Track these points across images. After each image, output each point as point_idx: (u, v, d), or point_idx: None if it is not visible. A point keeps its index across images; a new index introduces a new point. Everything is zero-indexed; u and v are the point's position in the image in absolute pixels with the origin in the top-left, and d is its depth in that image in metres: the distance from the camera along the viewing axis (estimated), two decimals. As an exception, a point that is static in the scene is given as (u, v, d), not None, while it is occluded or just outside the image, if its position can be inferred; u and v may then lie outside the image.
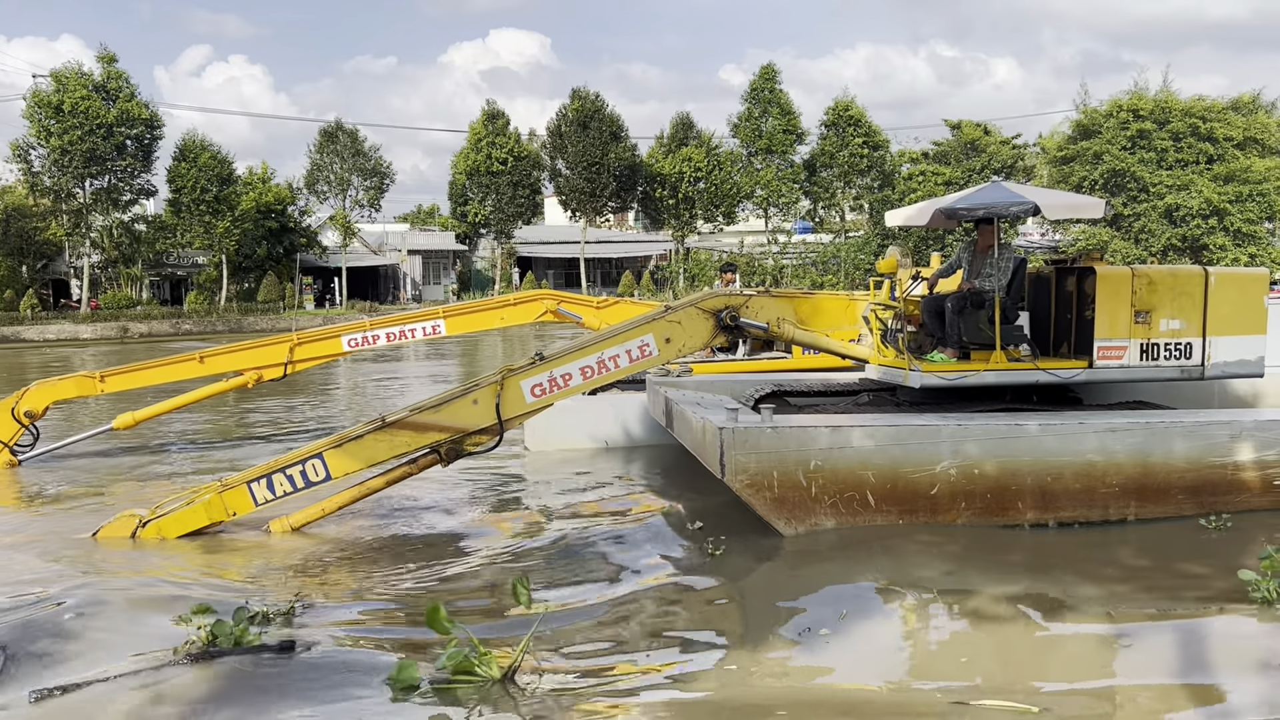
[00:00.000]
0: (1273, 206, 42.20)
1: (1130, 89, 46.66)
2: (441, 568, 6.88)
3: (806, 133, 51.19)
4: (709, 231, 56.92)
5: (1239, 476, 7.54)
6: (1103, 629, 5.40)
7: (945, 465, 7.27)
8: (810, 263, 45.36)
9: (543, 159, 55.61)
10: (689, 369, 11.26)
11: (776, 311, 8.74)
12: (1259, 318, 8.27)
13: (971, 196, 8.65)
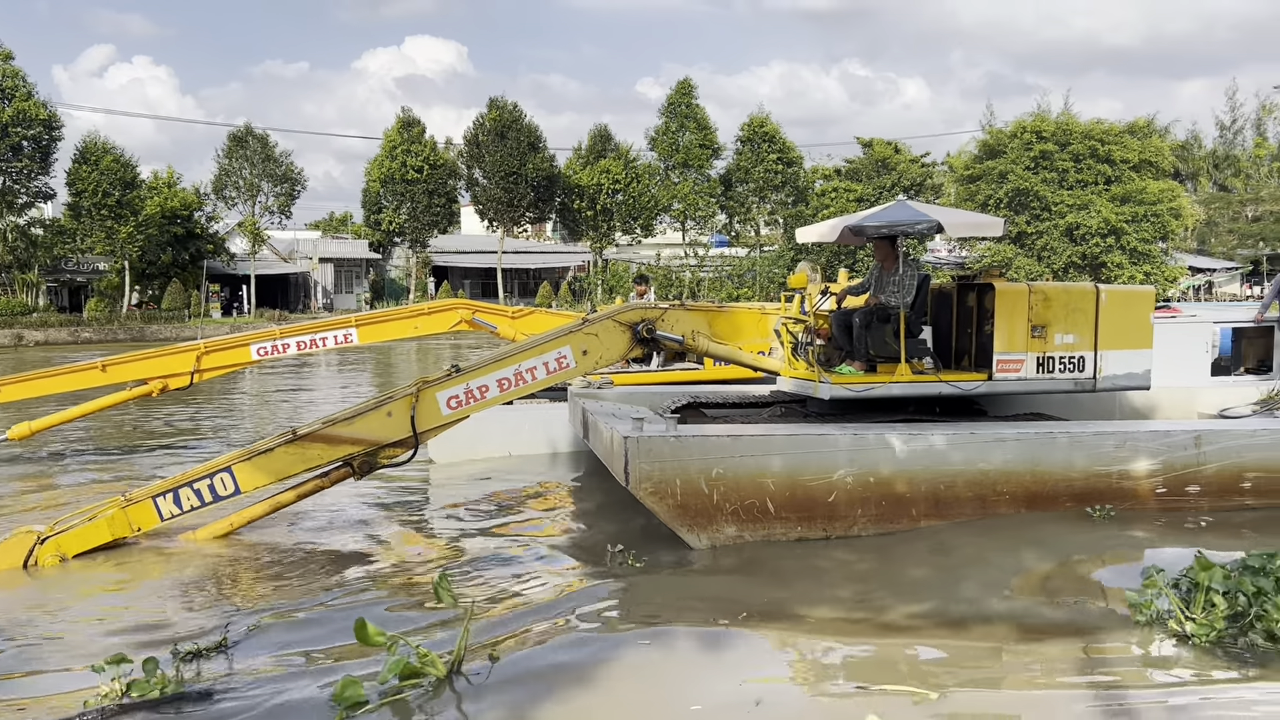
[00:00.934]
0: (1166, 227, 44.14)
1: (1033, 111, 48.49)
2: (360, 581, 6.82)
3: (723, 148, 51.91)
4: (627, 243, 57.19)
5: (1124, 484, 7.89)
6: (999, 635, 5.62)
7: (842, 474, 7.49)
8: (726, 276, 45.94)
9: (459, 168, 55.19)
10: (610, 381, 11.35)
11: (691, 324, 8.88)
12: (1146, 333, 8.71)
13: (878, 214, 8.92)
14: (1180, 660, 5.10)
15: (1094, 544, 7.25)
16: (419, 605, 6.10)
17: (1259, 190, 60.23)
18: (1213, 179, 63.46)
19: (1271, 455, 8.11)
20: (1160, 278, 43.86)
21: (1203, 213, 56.47)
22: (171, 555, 7.34)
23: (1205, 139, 65.67)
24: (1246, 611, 5.31)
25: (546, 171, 52.65)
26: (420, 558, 7.44)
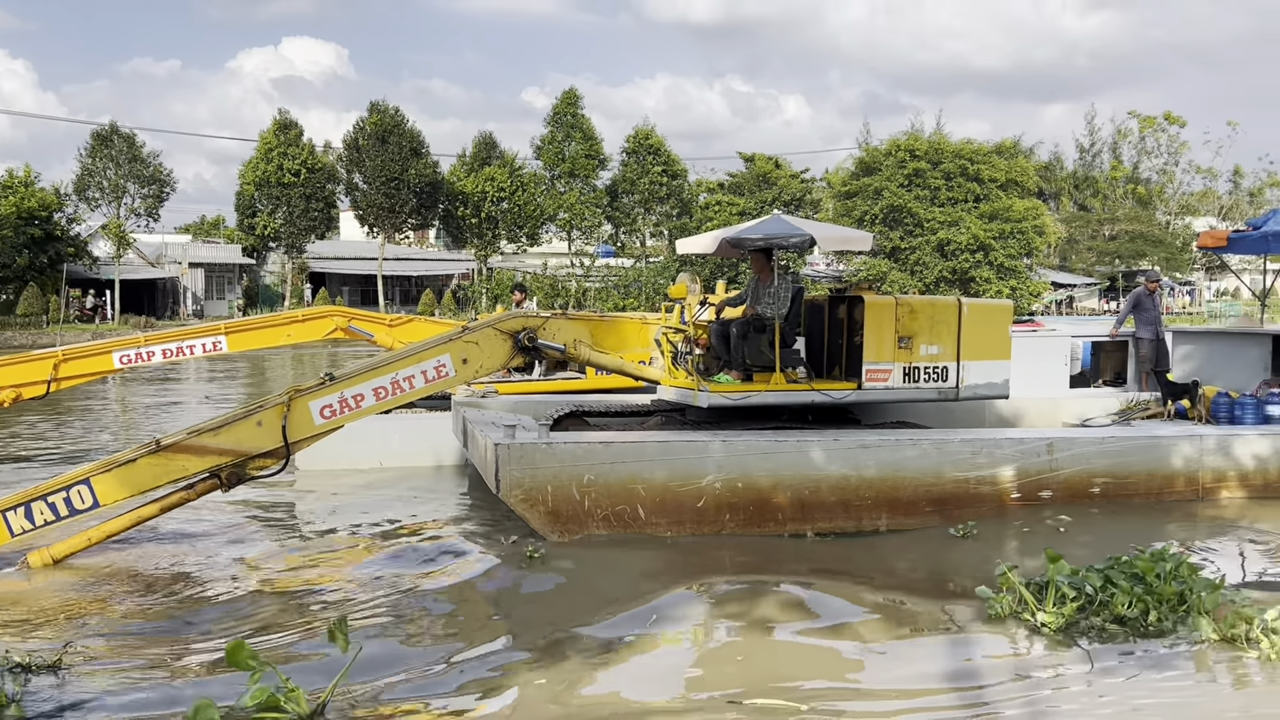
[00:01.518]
0: (1030, 244, 46.33)
1: (907, 130, 50.30)
2: (226, 601, 6.59)
3: (609, 158, 52.23)
4: (512, 252, 56.88)
5: (981, 490, 8.26)
6: (863, 637, 5.82)
7: (711, 479, 7.67)
8: (613, 286, 46.17)
9: (339, 172, 53.95)
10: (494, 390, 11.30)
11: (573, 333, 8.91)
12: (1005, 345, 9.16)
13: (754, 228, 9.15)
14: (1033, 648, 5.35)
15: (956, 546, 7.56)
16: (299, 635, 5.91)
17: (1115, 210, 63.75)
18: (1073, 199, 66.86)
19: (1118, 461, 8.60)
20: (1025, 292, 46.01)
21: (1064, 231, 59.55)
22: (16, 574, 6.95)
23: (1067, 160, 69.27)
24: (1094, 599, 5.61)
25: (429, 178, 51.95)
26: (290, 575, 7.24)
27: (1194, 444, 8.87)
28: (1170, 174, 68.41)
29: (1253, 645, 5.11)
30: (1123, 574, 5.72)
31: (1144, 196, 65.70)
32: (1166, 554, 5.87)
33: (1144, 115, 68.10)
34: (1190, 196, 68.85)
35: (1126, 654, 5.21)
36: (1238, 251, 12.49)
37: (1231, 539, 8.08)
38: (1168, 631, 5.41)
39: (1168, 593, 5.58)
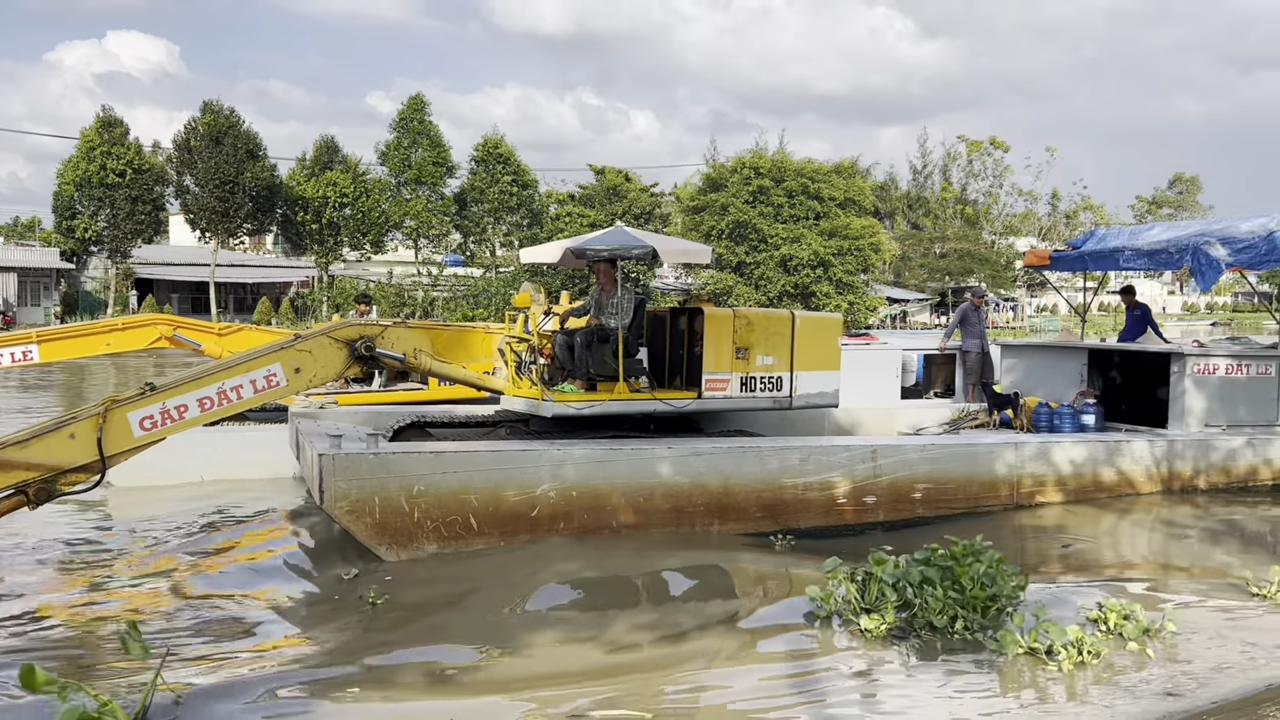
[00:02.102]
0: (867, 260, 48.24)
1: (752, 148, 51.67)
2: (30, 626, 6.15)
3: (457, 166, 51.54)
4: (356, 259, 55.34)
5: (808, 496, 8.52)
6: (695, 637, 5.92)
7: (545, 488, 7.66)
8: (461, 296, 45.52)
9: (168, 173, 51.26)
10: (334, 401, 10.98)
11: (413, 342, 8.76)
12: (835, 356, 9.54)
13: (598, 239, 9.23)
14: (854, 654, 5.50)
15: (787, 550, 7.78)
16: (99, 649, 5.58)
17: (945, 230, 67.22)
18: (907, 218, 70.15)
19: (938, 468, 9.03)
20: (862, 307, 47.91)
21: (898, 248, 62.38)
22: None
23: (901, 181, 72.66)
24: (913, 602, 5.82)
25: (267, 181, 49.98)
26: (102, 595, 6.82)
27: (1013, 451, 9.39)
28: (995, 196, 72.74)
29: (1053, 658, 5.35)
30: (938, 569, 5.93)
31: (971, 217, 69.59)
32: (980, 550, 6.09)
33: (972, 140, 72.27)
34: (1013, 217, 73.34)
35: (938, 667, 5.37)
36: (1059, 269, 13.39)
37: (1046, 541, 8.55)
38: (976, 643, 5.59)
39: (979, 597, 5.80)
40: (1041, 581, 7.19)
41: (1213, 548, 8.48)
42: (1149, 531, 9.12)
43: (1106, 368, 11.95)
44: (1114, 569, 7.70)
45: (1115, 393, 11.74)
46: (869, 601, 5.89)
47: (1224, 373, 10.76)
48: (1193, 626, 6.03)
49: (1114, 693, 5.05)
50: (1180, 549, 8.49)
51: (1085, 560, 7.98)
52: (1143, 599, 6.71)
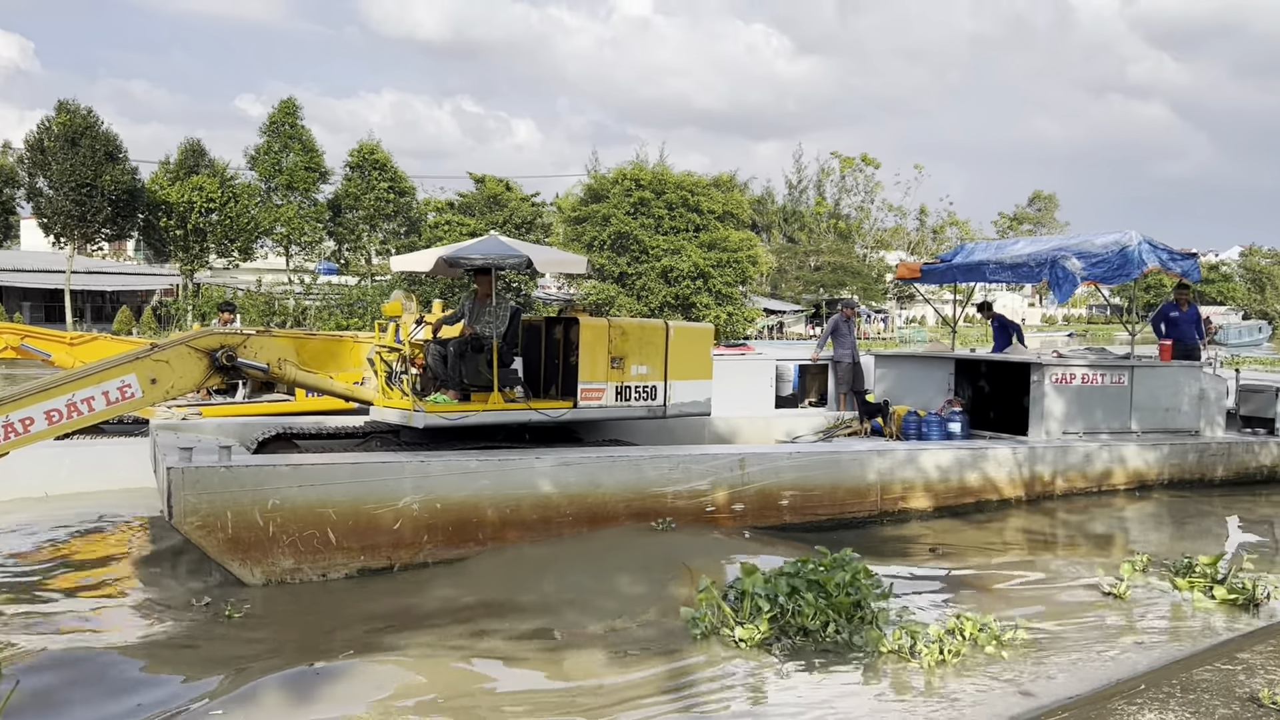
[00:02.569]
0: (745, 272, 49.09)
1: (633, 160, 52.01)
2: None
3: (331, 172, 50.14)
4: (223, 267, 53.32)
5: (678, 504, 8.53)
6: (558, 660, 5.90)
7: (408, 500, 7.49)
8: (335, 305, 44.38)
9: (19, 175, 48.38)
10: (198, 412, 10.56)
11: (278, 352, 8.52)
12: (707, 365, 9.67)
13: (472, 247, 9.14)
14: (730, 667, 5.55)
15: (662, 561, 7.68)
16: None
17: (819, 243, 69.08)
18: (783, 231, 71.75)
19: (805, 476, 9.13)
20: (740, 318, 48.76)
21: (775, 261, 63.79)
22: None
23: (777, 195, 74.29)
24: (785, 612, 5.94)
25: (127, 185, 47.65)
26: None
27: (879, 458, 9.59)
28: (867, 211, 75.24)
29: (916, 656, 5.56)
30: (805, 581, 6.08)
31: (844, 231, 71.74)
32: (845, 561, 6.30)
33: (845, 156, 74.61)
34: (884, 232, 76.03)
35: (813, 667, 5.54)
36: (928, 282, 13.85)
37: (913, 545, 8.80)
38: (846, 644, 5.78)
39: (845, 603, 5.99)
40: (908, 584, 7.44)
41: (1069, 548, 8.90)
42: (1011, 534, 9.44)
43: (975, 377, 12.35)
44: (976, 571, 7.95)
45: (983, 401, 12.13)
46: (743, 615, 5.96)
47: (1081, 382, 11.18)
48: (1048, 624, 6.32)
49: (970, 688, 5.26)
50: (1039, 550, 8.83)
51: (950, 563, 8.23)
52: (1002, 598, 7.02)
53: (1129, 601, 6.84)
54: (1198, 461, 11.62)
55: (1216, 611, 6.64)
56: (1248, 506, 10.99)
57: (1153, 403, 11.59)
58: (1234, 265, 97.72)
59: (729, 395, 13.02)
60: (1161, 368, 11.95)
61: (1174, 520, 10.21)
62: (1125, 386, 11.45)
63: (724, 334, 46.25)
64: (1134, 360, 11.83)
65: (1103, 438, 11.19)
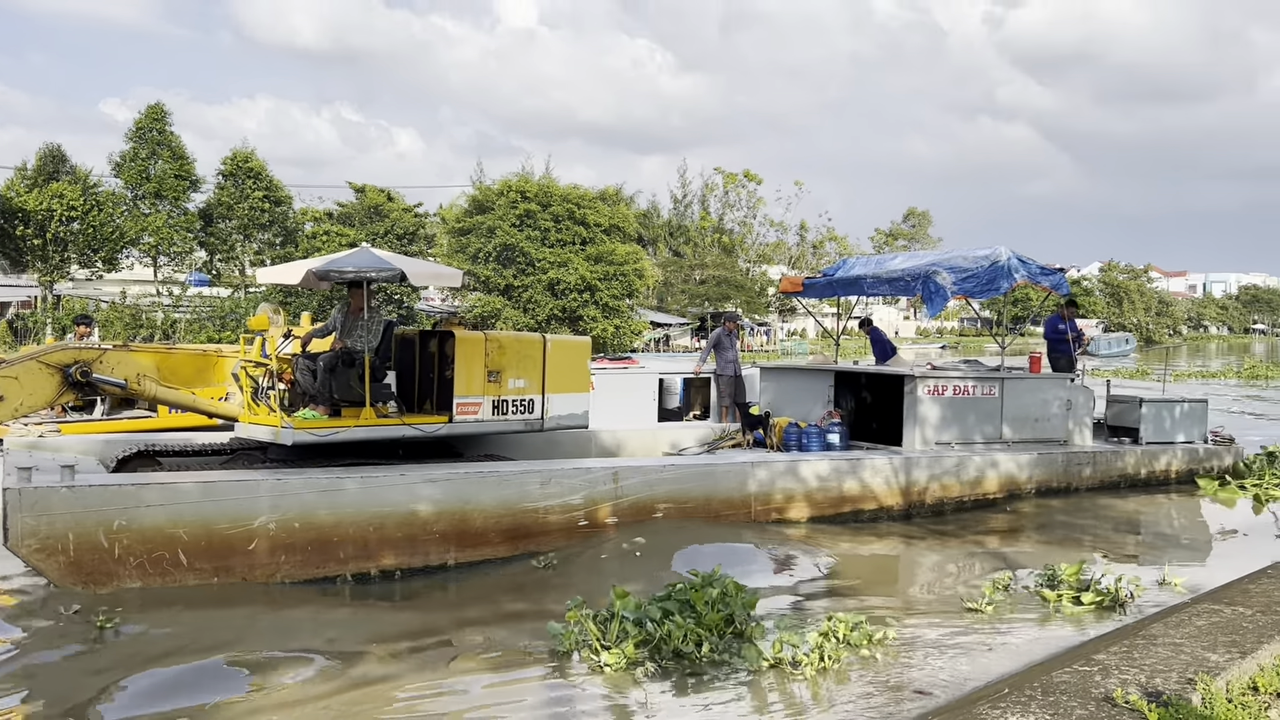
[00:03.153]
0: (631, 285, 49.37)
1: (519, 172, 51.83)
2: None
3: (202, 180, 48.34)
4: (86, 278, 50.77)
5: (549, 519, 8.44)
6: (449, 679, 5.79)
7: (264, 520, 7.28)
8: (207, 317, 42.75)
9: None
10: (56, 429, 10.02)
11: (137, 367, 8.19)
12: (585, 378, 9.67)
13: (342, 260, 8.92)
14: (595, 690, 5.46)
15: (536, 581, 7.69)
16: None
17: (704, 257, 70.02)
18: (668, 245, 72.48)
19: (678, 488, 9.13)
20: (627, 330, 49.02)
21: (661, 274, 64.36)
22: None
23: (663, 209, 75.07)
24: (654, 635, 5.87)
25: (-18, 191, 45.04)
26: None
27: (759, 468, 9.64)
28: (749, 226, 76.67)
29: (798, 667, 5.60)
30: (677, 603, 6.07)
31: (728, 245, 72.93)
32: (714, 578, 6.32)
33: (728, 172, 75.90)
34: (766, 247, 77.59)
35: (685, 689, 5.48)
36: (810, 295, 14.12)
37: (789, 554, 8.84)
38: (723, 661, 5.76)
39: (716, 619, 5.99)
40: (788, 596, 7.52)
41: (939, 557, 9.11)
42: (882, 544, 9.58)
43: (858, 389, 12.55)
44: (852, 580, 8.10)
45: (866, 413, 12.33)
46: (610, 639, 5.87)
47: (953, 393, 11.47)
48: (917, 634, 6.47)
49: (852, 695, 5.35)
50: (909, 560, 9.06)
51: (826, 572, 8.37)
52: (877, 609, 7.11)
53: (991, 615, 6.95)
54: (1065, 469, 12.01)
55: (1085, 616, 6.88)
56: (1113, 511, 11.40)
57: (1023, 413, 11.97)
58: (1094, 280, 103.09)
59: (612, 408, 13.05)
60: (1031, 379, 12.35)
61: (1036, 529, 10.50)
62: (996, 397, 11.77)
63: (611, 347, 46.39)
64: (1005, 372, 12.17)
65: (975, 447, 11.49)
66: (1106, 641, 5.61)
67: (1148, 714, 4.02)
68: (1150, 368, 40.72)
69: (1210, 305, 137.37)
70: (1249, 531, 10.54)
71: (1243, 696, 4.43)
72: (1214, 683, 4.43)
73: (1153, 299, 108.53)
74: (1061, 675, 4.60)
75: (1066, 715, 4.05)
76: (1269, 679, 4.64)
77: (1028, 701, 4.22)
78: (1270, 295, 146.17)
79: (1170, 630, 5.29)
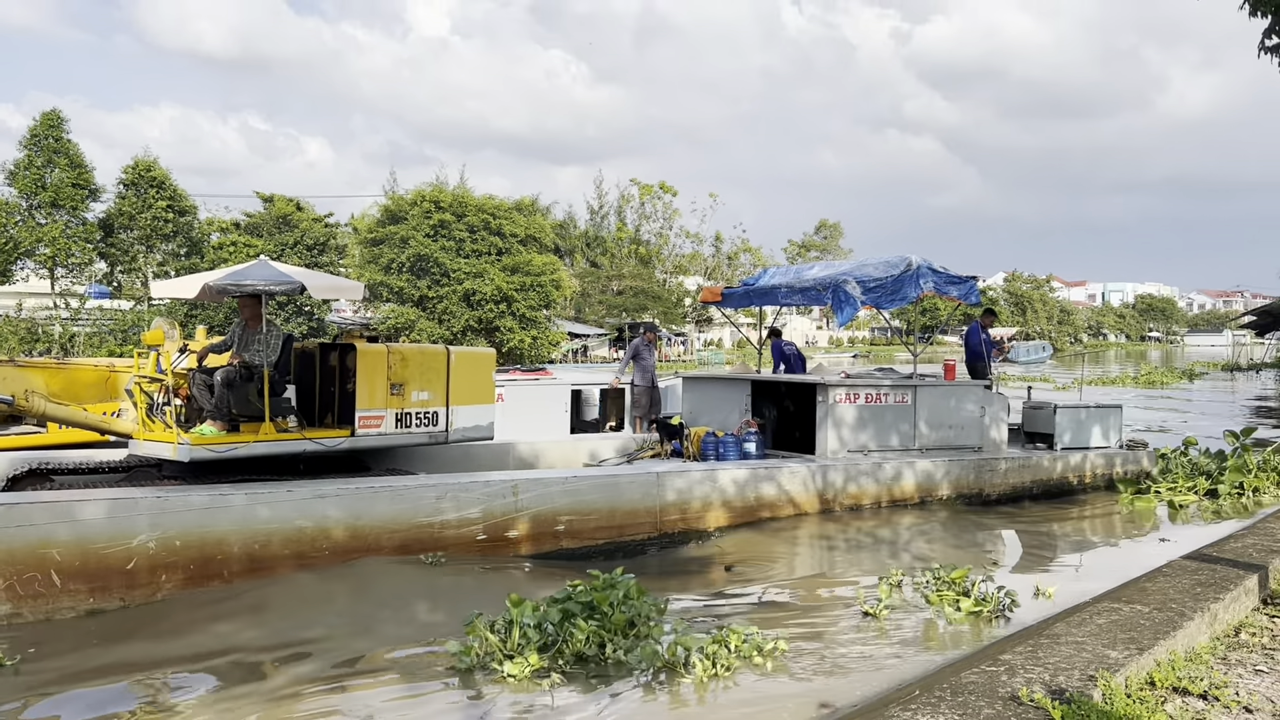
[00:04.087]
0: (549, 296, 49.31)
1: (433, 181, 51.35)
2: None
3: (102, 189, 46.83)
4: (-22, 291, 48.71)
5: (445, 534, 8.29)
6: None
7: (144, 539, 7.11)
8: (108, 331, 41.35)
9: None
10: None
11: (24, 382, 7.99)
12: (489, 390, 9.67)
13: (240, 273, 8.80)
14: (499, 702, 5.41)
15: (431, 594, 7.56)
16: None
17: (621, 268, 70.28)
18: (586, 256, 72.60)
19: (581, 500, 8.98)
20: (545, 341, 48.92)
21: (578, 285, 64.39)
22: None
23: (579, 220, 75.21)
24: (556, 639, 5.87)
25: None
26: None
27: (666, 479, 9.51)
28: (666, 237, 77.28)
29: (689, 670, 5.65)
30: (579, 605, 6.09)
31: (645, 256, 73.37)
32: (617, 580, 6.37)
33: (644, 183, 76.43)
34: (682, 257, 78.28)
35: (588, 693, 5.49)
36: (729, 305, 14.19)
37: (702, 565, 8.91)
38: (623, 663, 5.79)
39: (619, 621, 6.02)
40: (693, 601, 7.60)
41: (845, 565, 9.18)
42: (790, 550, 9.68)
43: (779, 398, 12.52)
44: (759, 586, 8.20)
45: (787, 422, 12.31)
46: (511, 647, 5.83)
47: (865, 401, 11.49)
48: (813, 641, 6.54)
49: (740, 702, 5.41)
50: (811, 568, 9.15)
51: (734, 579, 8.44)
52: (777, 616, 7.20)
53: (883, 619, 7.03)
54: (977, 476, 12.06)
55: (964, 623, 6.95)
56: (1019, 519, 11.44)
57: (937, 420, 12.03)
58: (999, 290, 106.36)
59: (523, 421, 13.01)
60: (945, 386, 12.40)
61: (946, 534, 10.54)
62: (909, 405, 11.81)
63: (528, 357, 46.22)
64: (918, 380, 12.23)
65: (888, 455, 11.53)
66: (1013, 642, 5.70)
67: (1052, 712, 4.12)
68: (1051, 376, 41.89)
69: (1109, 314, 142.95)
70: (1149, 536, 10.72)
71: (1140, 692, 4.59)
72: (1114, 679, 4.56)
73: (1055, 308, 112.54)
74: (970, 676, 4.67)
75: (974, 715, 4.11)
76: (1165, 674, 4.83)
77: (937, 702, 4.27)
78: (1164, 304, 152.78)
79: (1073, 629, 5.42)
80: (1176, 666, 4.99)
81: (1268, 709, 4.59)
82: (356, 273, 46.60)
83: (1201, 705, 4.58)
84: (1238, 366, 53.89)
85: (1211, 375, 49.19)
